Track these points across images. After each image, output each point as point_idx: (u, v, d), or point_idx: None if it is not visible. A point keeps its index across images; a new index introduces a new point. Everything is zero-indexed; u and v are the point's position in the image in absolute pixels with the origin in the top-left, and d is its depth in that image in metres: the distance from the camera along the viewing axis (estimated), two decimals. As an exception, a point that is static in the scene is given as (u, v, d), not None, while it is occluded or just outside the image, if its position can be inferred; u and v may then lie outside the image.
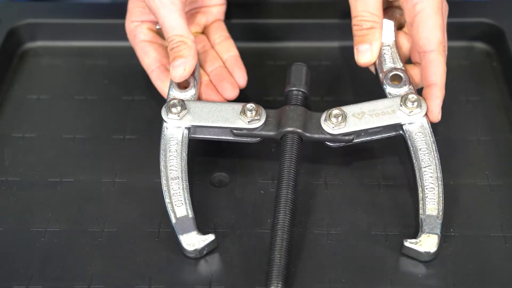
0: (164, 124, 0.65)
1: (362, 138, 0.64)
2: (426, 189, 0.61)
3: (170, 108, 0.64)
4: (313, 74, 0.70)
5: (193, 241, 0.59)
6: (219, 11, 0.74)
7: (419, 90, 0.66)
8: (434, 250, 0.59)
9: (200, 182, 0.66)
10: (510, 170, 0.67)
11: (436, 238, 0.59)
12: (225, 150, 0.69)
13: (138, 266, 0.60)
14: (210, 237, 0.60)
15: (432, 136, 0.63)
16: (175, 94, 0.67)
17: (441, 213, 0.60)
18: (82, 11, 0.81)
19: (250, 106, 0.64)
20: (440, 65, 0.64)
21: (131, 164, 0.68)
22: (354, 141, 0.64)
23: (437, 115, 0.64)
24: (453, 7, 0.69)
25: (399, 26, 0.70)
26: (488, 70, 0.77)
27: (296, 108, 0.65)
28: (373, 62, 0.67)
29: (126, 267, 0.60)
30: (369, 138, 0.65)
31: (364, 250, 0.61)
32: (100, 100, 0.75)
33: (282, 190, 0.61)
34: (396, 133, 0.64)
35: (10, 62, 0.79)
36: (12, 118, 0.73)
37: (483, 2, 0.80)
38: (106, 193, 0.66)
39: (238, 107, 0.65)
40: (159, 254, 0.61)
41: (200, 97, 0.69)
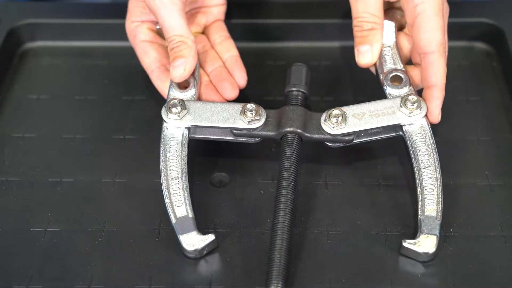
0: (164, 124, 0.65)
1: (362, 139, 0.64)
2: (425, 190, 0.61)
3: (170, 108, 0.64)
4: (313, 74, 0.70)
5: (193, 241, 0.59)
6: (219, 11, 0.74)
7: (419, 91, 0.66)
8: (433, 251, 0.59)
9: (200, 182, 0.66)
10: (510, 170, 0.67)
11: (434, 239, 0.59)
12: (225, 150, 0.69)
13: (138, 266, 0.60)
14: (210, 237, 0.60)
15: (431, 137, 0.63)
16: (175, 94, 0.67)
17: (440, 214, 0.60)
18: (82, 11, 0.81)
19: (250, 106, 0.64)
20: (440, 66, 0.64)
21: (131, 164, 0.68)
22: (354, 141, 0.64)
23: (437, 116, 0.64)
24: (453, 7, 0.69)
25: (400, 27, 0.70)
26: (488, 70, 0.77)
27: (296, 108, 0.65)
28: (373, 63, 0.66)
29: (126, 267, 0.60)
30: (369, 139, 0.65)
31: (364, 250, 0.61)
32: (100, 100, 0.75)
33: (282, 190, 0.61)
34: (396, 133, 0.64)
35: (10, 62, 0.79)
36: (12, 118, 0.73)
37: (483, 2, 0.80)
38: (106, 193, 0.66)
39: (238, 107, 0.65)
40: (159, 254, 0.61)
41: (200, 97, 0.69)
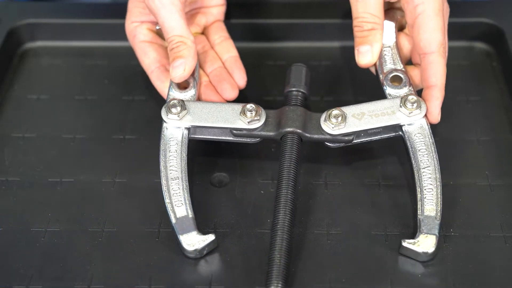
0: (164, 124, 0.65)
1: (361, 139, 0.64)
2: (425, 189, 0.61)
3: (170, 108, 0.64)
4: (313, 74, 0.70)
5: (193, 241, 0.59)
6: (219, 12, 0.74)
7: (419, 92, 0.66)
8: (432, 251, 0.59)
9: (200, 182, 0.66)
10: (510, 170, 0.67)
11: (434, 239, 0.59)
12: (225, 150, 0.69)
13: (138, 266, 0.60)
14: (210, 237, 0.60)
15: (431, 137, 0.63)
16: (175, 94, 0.67)
17: (439, 214, 0.60)
18: (82, 11, 0.81)
19: (250, 106, 0.64)
20: (440, 66, 0.64)
21: (131, 164, 0.68)
22: (354, 141, 0.64)
23: (436, 117, 0.64)
24: (453, 7, 0.69)
25: (400, 28, 0.70)
26: (488, 70, 0.77)
27: (295, 108, 0.65)
28: (373, 63, 0.66)
29: (126, 267, 0.60)
30: (368, 139, 0.65)
31: (364, 250, 0.61)
32: (100, 100, 0.75)
33: (282, 190, 0.61)
34: (395, 134, 0.64)
35: (10, 62, 0.79)
36: (12, 118, 0.73)
37: (483, 2, 0.80)
38: (106, 193, 0.66)
39: (238, 108, 0.65)
40: (159, 254, 0.61)
41: (200, 97, 0.69)
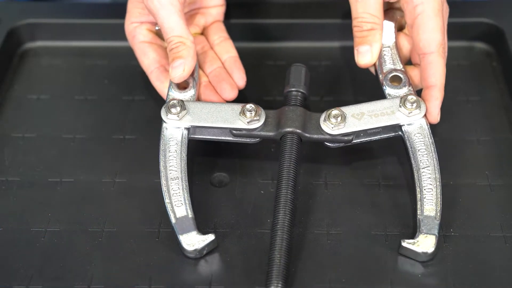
0: (163, 124, 0.65)
1: (361, 139, 0.64)
2: (425, 189, 0.61)
3: (170, 108, 0.64)
4: (313, 74, 0.70)
5: (193, 241, 0.59)
6: (218, 12, 0.74)
7: (419, 92, 0.66)
8: (432, 251, 0.59)
9: (200, 182, 0.66)
10: (510, 170, 0.67)
11: (433, 239, 0.59)
12: (225, 150, 0.69)
13: (138, 266, 0.60)
14: (210, 237, 0.60)
15: (431, 137, 0.63)
16: (175, 94, 0.67)
17: (439, 214, 0.60)
18: (82, 11, 0.81)
19: (250, 106, 0.64)
20: (439, 66, 0.64)
21: (131, 164, 0.68)
22: (353, 141, 0.64)
23: (436, 117, 0.64)
24: (453, 7, 0.69)
25: (400, 28, 0.70)
26: (488, 70, 0.77)
27: (295, 108, 0.65)
28: (373, 64, 0.66)
29: (126, 267, 0.60)
30: (368, 139, 0.65)
31: (364, 250, 0.61)
32: (100, 100, 0.75)
33: (282, 190, 0.61)
34: (395, 134, 0.64)
35: (10, 62, 0.79)
36: (12, 118, 0.73)
37: (483, 2, 0.80)
38: (106, 193, 0.66)
39: (237, 108, 0.65)
40: (159, 254, 0.61)
41: (199, 97, 0.69)
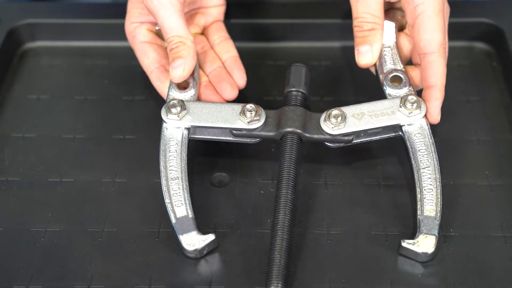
0: (163, 124, 0.65)
1: (361, 139, 0.64)
2: (425, 190, 0.60)
3: (170, 108, 0.64)
4: (313, 74, 0.70)
5: (193, 241, 0.59)
6: (219, 12, 0.74)
7: (419, 92, 0.66)
8: (432, 251, 0.59)
9: (200, 182, 0.66)
10: (510, 170, 0.67)
11: (433, 239, 0.59)
12: (225, 150, 0.69)
13: (138, 266, 0.60)
14: (210, 237, 0.60)
15: (431, 137, 0.63)
16: (175, 94, 0.67)
17: (439, 214, 0.60)
18: (82, 11, 0.81)
19: (250, 106, 0.64)
20: (440, 67, 0.64)
21: (131, 164, 0.68)
22: (354, 141, 0.64)
23: (436, 117, 0.64)
24: (453, 7, 0.69)
25: (400, 28, 0.70)
26: (488, 70, 0.77)
27: (295, 108, 0.65)
28: (373, 64, 0.66)
29: (126, 267, 0.60)
30: (368, 139, 0.65)
31: (364, 250, 0.61)
32: (100, 100, 0.75)
33: (282, 190, 0.61)
34: (395, 134, 0.64)
35: (10, 62, 0.79)
36: (12, 118, 0.73)
37: (483, 2, 0.80)
38: (106, 193, 0.66)
39: (237, 108, 0.65)
40: (159, 254, 0.61)
41: (199, 97, 0.69)
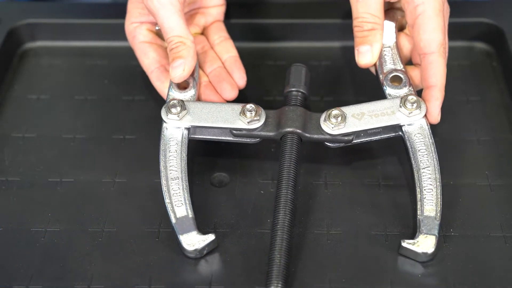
0: (164, 124, 0.65)
1: (361, 139, 0.64)
2: (425, 190, 0.60)
3: (170, 108, 0.64)
4: (313, 74, 0.70)
5: (193, 241, 0.59)
6: (219, 12, 0.74)
7: (420, 92, 0.66)
8: (432, 251, 0.59)
9: (200, 182, 0.66)
10: (510, 170, 0.67)
11: (433, 239, 0.59)
12: (225, 150, 0.69)
13: (138, 266, 0.60)
14: (210, 237, 0.60)
15: (431, 137, 0.63)
16: (175, 94, 0.67)
17: (439, 214, 0.60)
18: (82, 11, 0.81)
19: (250, 106, 0.64)
20: (440, 67, 0.64)
21: (131, 164, 0.68)
22: (354, 141, 0.64)
23: (436, 117, 0.64)
24: (453, 7, 0.69)
25: (401, 28, 0.70)
26: (488, 70, 0.77)
27: (295, 108, 0.65)
28: (373, 64, 0.66)
29: (126, 267, 0.60)
30: (368, 139, 0.65)
31: (364, 250, 0.61)
32: (100, 100, 0.75)
33: (282, 190, 0.61)
34: (395, 134, 0.64)
35: (10, 62, 0.79)
36: (12, 118, 0.73)
37: (483, 2, 0.80)
38: (106, 193, 0.66)
39: (237, 108, 0.65)
40: (159, 254, 0.61)
41: (199, 97, 0.69)
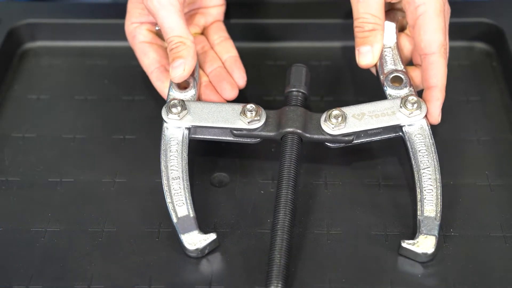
0: (164, 124, 0.65)
1: (361, 139, 0.64)
2: (425, 190, 0.60)
3: (171, 108, 0.64)
4: (313, 74, 0.70)
5: (194, 240, 0.59)
6: (219, 12, 0.74)
7: (420, 92, 0.66)
8: (432, 251, 0.59)
9: (200, 182, 0.66)
10: (510, 170, 0.67)
11: (433, 240, 0.59)
12: (225, 150, 0.69)
13: (138, 266, 0.60)
14: (212, 236, 0.60)
15: (431, 138, 0.63)
16: (175, 94, 0.67)
17: (439, 214, 0.60)
18: (82, 11, 0.81)
19: (250, 106, 0.64)
20: (441, 67, 0.64)
21: (131, 164, 0.68)
22: (354, 142, 0.64)
23: (436, 118, 0.64)
24: (453, 7, 0.69)
25: (401, 28, 0.70)
26: (488, 70, 0.77)
27: (296, 108, 0.65)
28: (374, 64, 0.66)
29: (126, 267, 0.60)
30: (368, 139, 0.65)
31: (364, 250, 0.61)
32: (100, 100, 0.75)
33: (282, 190, 0.61)
34: (395, 134, 0.64)
35: (10, 62, 0.79)
36: (12, 118, 0.73)
37: (483, 2, 0.80)
38: (106, 193, 0.66)
39: (238, 108, 0.65)
40: (159, 254, 0.61)
41: (200, 97, 0.69)
